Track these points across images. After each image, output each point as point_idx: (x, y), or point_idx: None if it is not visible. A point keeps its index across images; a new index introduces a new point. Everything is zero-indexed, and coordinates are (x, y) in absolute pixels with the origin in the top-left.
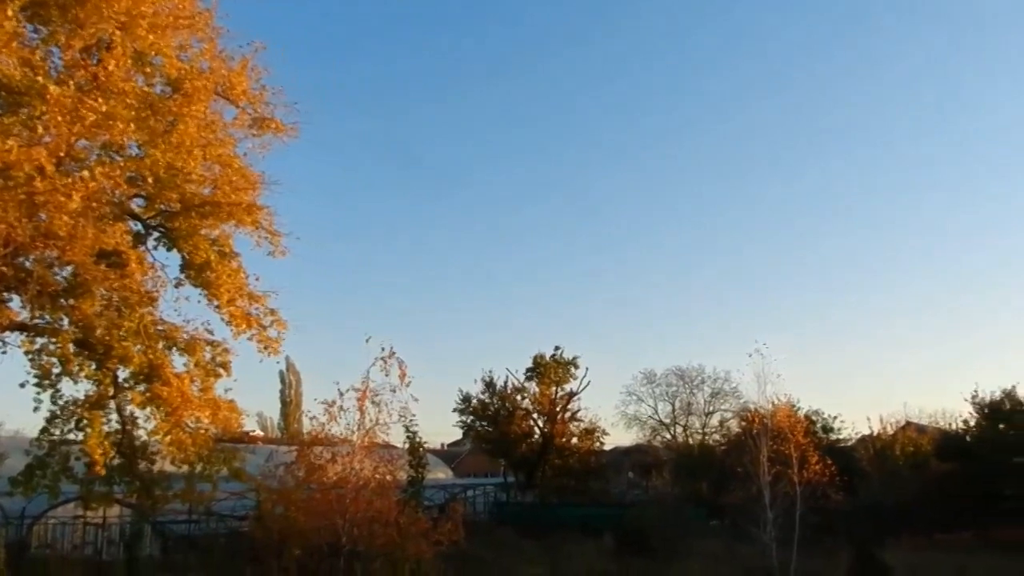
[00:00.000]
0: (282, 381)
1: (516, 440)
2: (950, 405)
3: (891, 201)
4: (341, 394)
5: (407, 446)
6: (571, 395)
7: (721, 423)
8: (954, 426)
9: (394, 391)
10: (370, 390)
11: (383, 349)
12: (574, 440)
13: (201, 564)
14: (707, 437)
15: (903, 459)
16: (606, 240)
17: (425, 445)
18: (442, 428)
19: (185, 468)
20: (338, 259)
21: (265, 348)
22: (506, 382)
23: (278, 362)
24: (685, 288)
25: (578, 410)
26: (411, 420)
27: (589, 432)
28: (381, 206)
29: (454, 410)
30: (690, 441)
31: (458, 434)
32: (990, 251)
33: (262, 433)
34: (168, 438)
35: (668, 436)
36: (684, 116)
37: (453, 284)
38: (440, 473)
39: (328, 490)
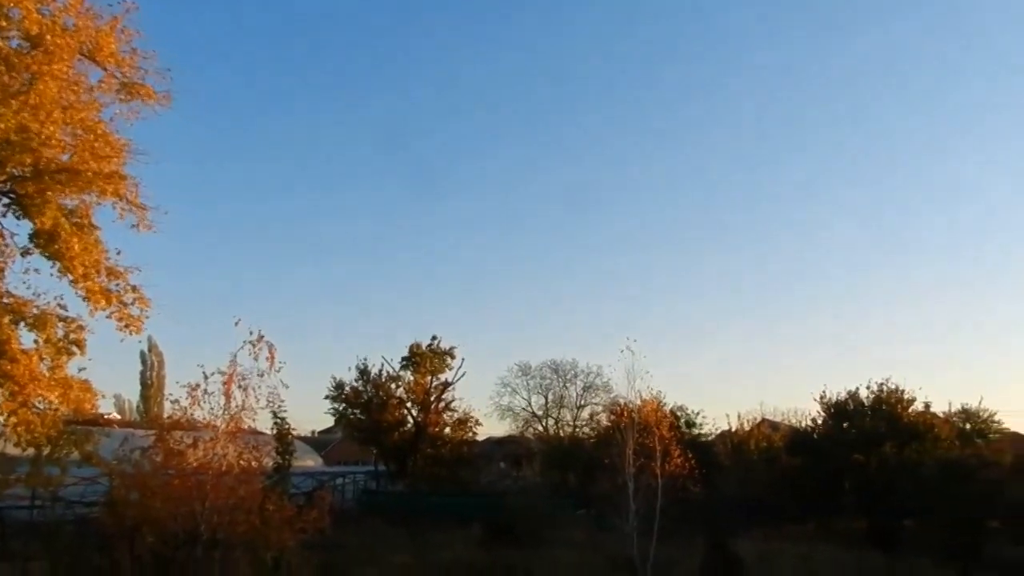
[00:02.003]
0: (143, 362)
1: (388, 429)
2: (802, 404)
3: (760, 215)
4: (206, 377)
5: (274, 432)
6: (446, 385)
7: (591, 416)
8: (803, 424)
9: (262, 376)
10: (237, 374)
11: (251, 332)
12: (447, 430)
13: (45, 552)
14: (578, 429)
15: (757, 454)
16: (487, 233)
17: (294, 432)
18: (313, 415)
19: (32, 451)
20: (210, 238)
21: (126, 327)
22: (381, 370)
23: (140, 342)
24: (562, 284)
25: (452, 400)
26: (279, 406)
27: (462, 422)
28: (256, 190)
29: (326, 397)
30: (561, 433)
31: (330, 421)
32: (841, 268)
33: (119, 416)
34: (13, 419)
35: (540, 428)
36: (554, 114)
37: (331, 271)
38: (309, 461)
39: (188, 476)
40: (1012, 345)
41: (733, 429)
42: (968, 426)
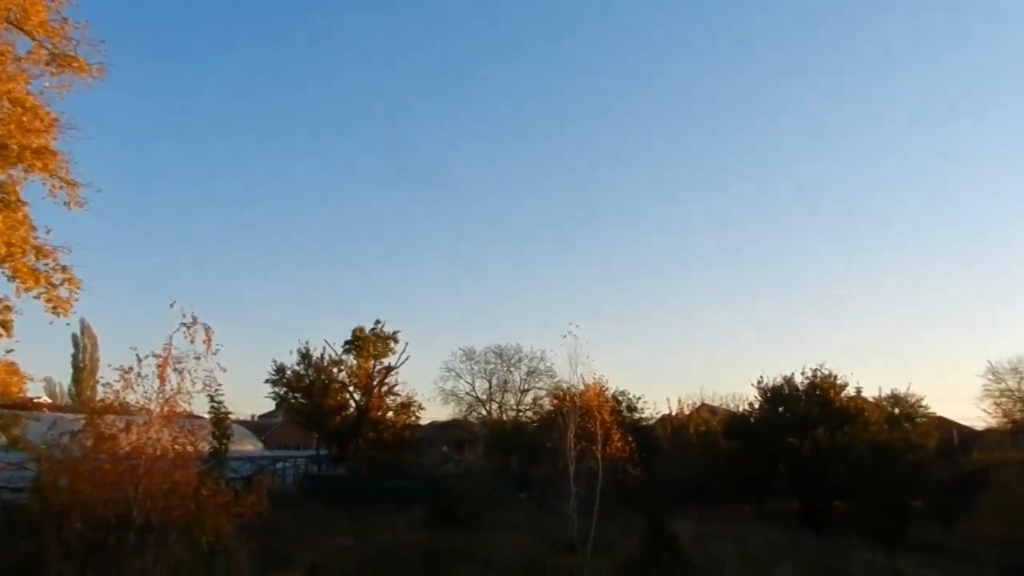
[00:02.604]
0: (75, 345)
1: (330, 413)
2: (740, 389)
3: (696, 201)
4: (140, 360)
5: (212, 417)
6: (389, 369)
7: (534, 400)
8: (741, 408)
9: (198, 359)
10: (172, 357)
11: (184, 315)
12: (390, 414)
13: None
14: (521, 414)
15: (696, 437)
16: (433, 216)
17: (233, 416)
18: (255, 400)
19: None
20: (148, 219)
21: (54, 309)
22: (323, 354)
23: (68, 324)
24: (507, 269)
25: (395, 384)
26: (216, 390)
27: (405, 406)
28: (195, 170)
29: (267, 381)
30: (504, 417)
31: (271, 406)
32: (778, 255)
33: (49, 400)
34: None
35: (484, 412)
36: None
37: (273, 254)
38: (249, 445)
39: (120, 461)
40: (938, 333)
41: (673, 413)
42: (897, 410)
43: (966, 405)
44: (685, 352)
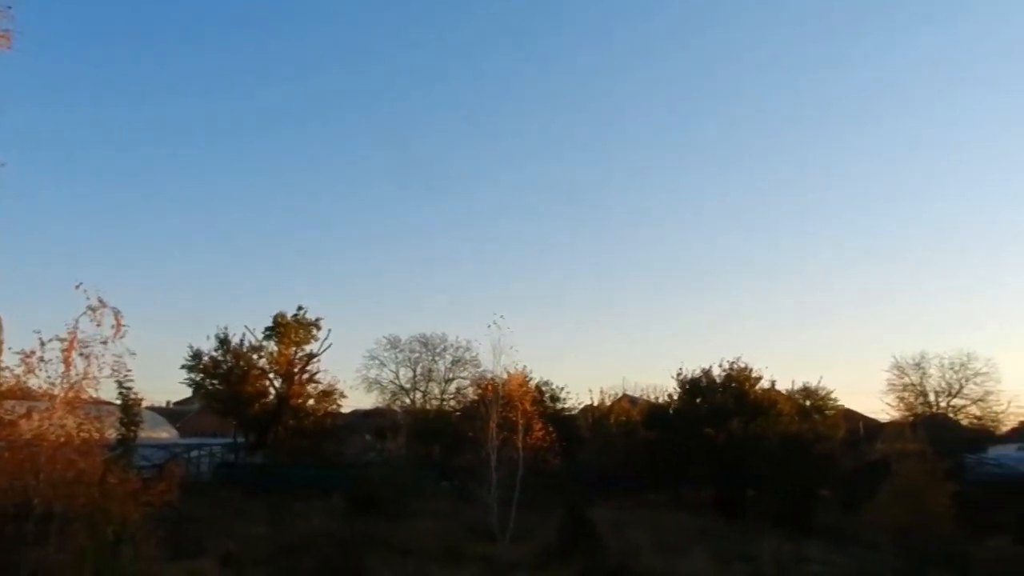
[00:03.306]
0: None
1: (249, 400)
2: (661, 381)
3: (625, 198)
4: (43, 344)
5: (120, 403)
6: (311, 356)
7: (458, 390)
8: (661, 399)
9: (105, 343)
10: (79, 341)
11: (87, 297)
12: (311, 402)
13: None
14: (445, 403)
15: (616, 427)
16: (358, 203)
17: (143, 402)
18: (171, 386)
19: None
20: (57, 193)
21: None
22: (242, 340)
23: None
24: (433, 258)
25: (317, 372)
26: (126, 375)
27: (327, 394)
28: (106, 142)
29: (183, 367)
30: (428, 407)
31: (188, 392)
32: (699, 248)
33: None
34: None
35: (408, 401)
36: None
37: (191, 237)
38: (163, 432)
39: (20, 448)
40: (849, 328)
41: (595, 404)
42: (808, 403)
43: (872, 398)
44: (610, 343)
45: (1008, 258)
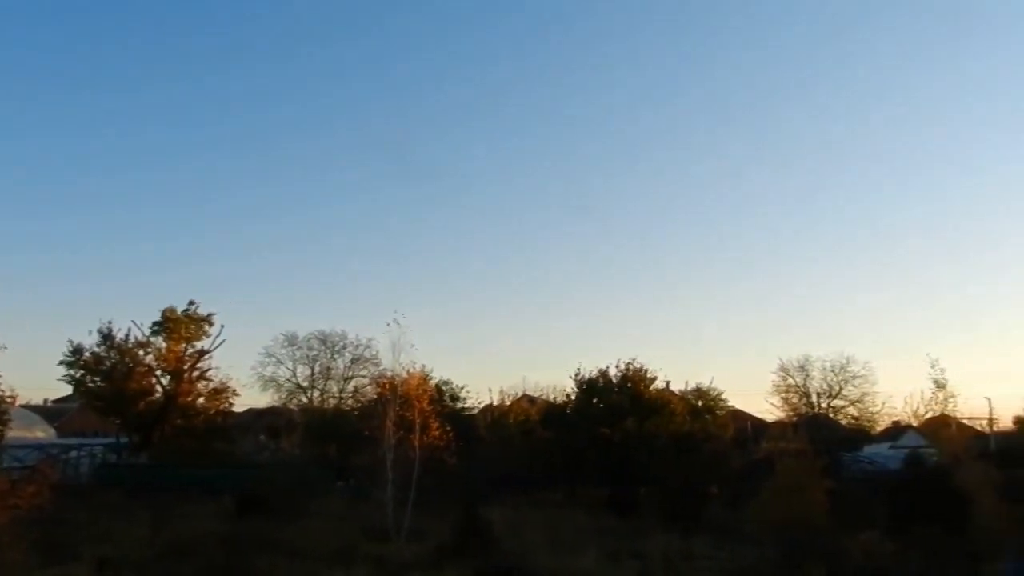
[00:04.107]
0: None
1: (133, 398)
2: (561, 381)
3: (525, 199)
4: None
5: None
6: (202, 353)
7: (357, 388)
8: (559, 399)
9: None
10: None
11: None
12: (200, 400)
13: None
14: (342, 402)
15: (515, 427)
16: (255, 197)
17: (18, 400)
18: (49, 383)
19: None
20: None
21: None
22: (128, 335)
23: None
24: (334, 252)
25: (209, 369)
26: None
27: (218, 392)
28: None
29: (61, 363)
30: (326, 405)
31: (68, 389)
32: (595, 252)
33: None
34: None
35: (305, 399)
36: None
37: (74, 228)
38: (38, 432)
39: None
40: (740, 330)
41: (495, 403)
42: (700, 403)
43: (760, 399)
44: (512, 343)
45: (885, 264)
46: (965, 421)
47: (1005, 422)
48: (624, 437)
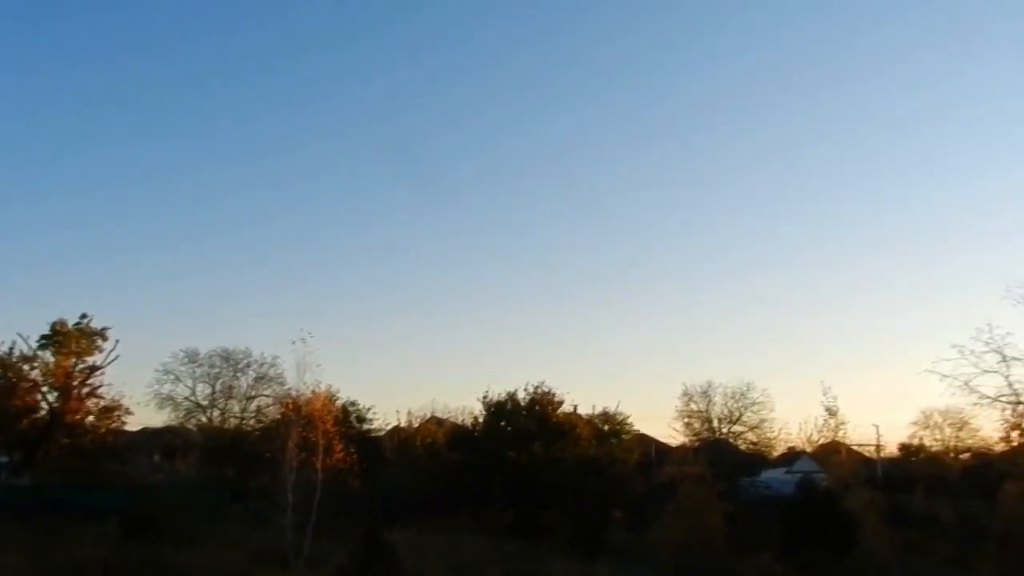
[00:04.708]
0: None
1: (15, 415)
2: (470, 403)
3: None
4: None
5: None
6: (93, 369)
7: (259, 408)
8: (468, 422)
9: None
10: None
11: None
12: (90, 418)
13: None
14: (244, 422)
15: (422, 449)
16: (156, 204)
17: None
18: None
19: None
20: None
21: None
22: (12, 349)
23: None
24: (238, 267)
25: (100, 386)
26: None
27: (109, 410)
28: None
29: None
30: (227, 425)
31: None
32: (504, 274)
33: None
34: None
35: (204, 419)
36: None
37: None
38: None
39: None
40: (646, 355)
41: (402, 425)
42: (606, 427)
43: (664, 424)
44: (422, 365)
45: (785, 293)
46: (854, 447)
47: (891, 448)
48: (531, 460)
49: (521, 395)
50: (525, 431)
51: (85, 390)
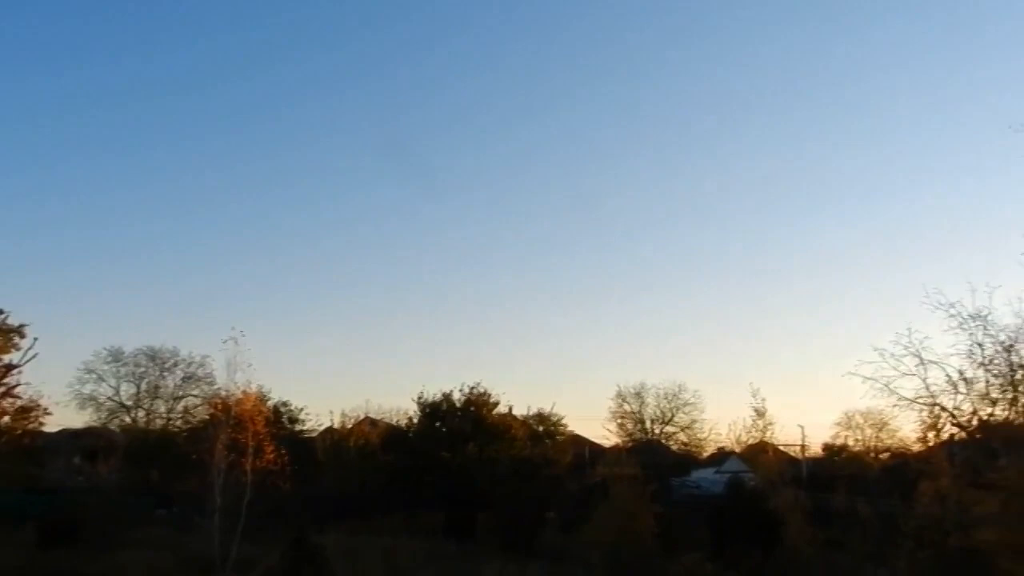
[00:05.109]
0: None
1: None
2: (405, 404)
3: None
4: None
5: None
6: (9, 368)
7: (187, 409)
8: (402, 423)
9: None
10: None
11: None
12: (5, 419)
13: None
14: (171, 423)
15: (355, 451)
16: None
17: None
18: None
19: None
20: None
21: None
22: None
23: None
24: (165, 263)
25: (17, 385)
26: None
27: (26, 410)
28: None
29: None
30: (152, 426)
31: None
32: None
33: None
34: None
35: (128, 419)
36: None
37: None
38: None
39: None
40: (580, 355)
41: (336, 426)
42: (541, 428)
43: (598, 424)
44: (357, 364)
45: (717, 295)
46: (781, 447)
47: (816, 448)
48: (465, 461)
49: (457, 396)
50: (460, 432)
51: (0, 390)
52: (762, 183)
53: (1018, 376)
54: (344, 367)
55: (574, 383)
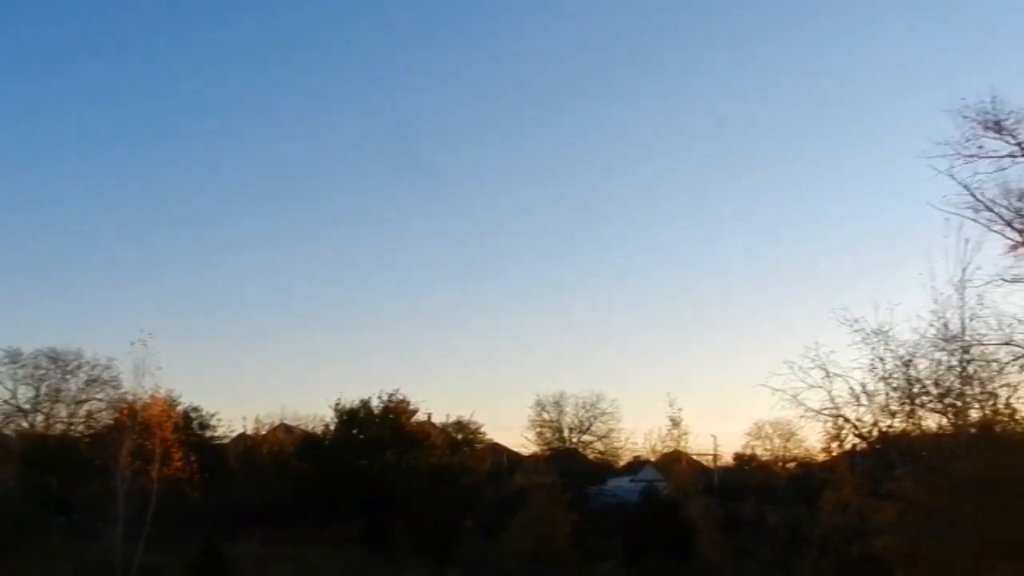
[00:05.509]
0: None
1: None
2: (322, 410)
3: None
4: None
5: None
6: None
7: (91, 413)
8: (318, 430)
9: None
10: None
11: None
12: None
13: None
14: (72, 427)
15: (269, 458)
16: None
17: None
18: None
19: None
20: None
21: None
22: None
23: None
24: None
25: None
26: None
27: None
28: None
29: None
30: (52, 431)
31: None
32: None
33: None
34: None
35: (25, 424)
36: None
37: None
38: None
39: None
40: (501, 364)
41: (249, 432)
42: (460, 436)
43: (517, 433)
44: (272, 369)
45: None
46: (695, 457)
47: (727, 458)
48: (383, 469)
49: (375, 403)
50: (378, 439)
51: None
52: (679, 199)
53: (915, 389)
54: (259, 372)
55: (493, 392)
